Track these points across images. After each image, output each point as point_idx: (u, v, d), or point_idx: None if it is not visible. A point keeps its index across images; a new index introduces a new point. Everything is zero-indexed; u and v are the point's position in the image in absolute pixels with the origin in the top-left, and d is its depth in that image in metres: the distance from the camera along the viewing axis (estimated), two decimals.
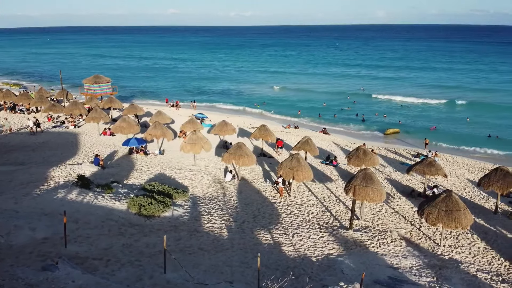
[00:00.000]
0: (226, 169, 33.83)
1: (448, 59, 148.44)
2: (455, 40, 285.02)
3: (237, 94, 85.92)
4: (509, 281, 19.04)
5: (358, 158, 33.40)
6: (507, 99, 75.60)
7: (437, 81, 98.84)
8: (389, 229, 24.47)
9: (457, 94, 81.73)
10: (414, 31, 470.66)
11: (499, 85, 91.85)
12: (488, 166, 39.34)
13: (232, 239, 21.73)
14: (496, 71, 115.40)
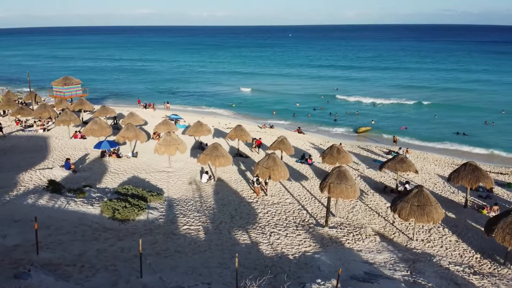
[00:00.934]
0: (202, 170, 33.62)
1: (419, 59, 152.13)
2: (425, 39, 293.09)
3: (212, 95, 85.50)
4: (481, 273, 19.75)
5: (332, 156, 33.90)
6: (474, 98, 78.22)
7: (408, 80, 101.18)
8: (364, 225, 24.98)
9: (427, 93, 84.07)
10: (385, 31, 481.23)
11: (467, 84, 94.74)
12: (457, 162, 40.68)
13: (209, 241, 21.63)
14: (465, 70, 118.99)
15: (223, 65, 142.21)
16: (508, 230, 20.12)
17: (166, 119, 45.79)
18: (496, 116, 62.24)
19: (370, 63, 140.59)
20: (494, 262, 21.07)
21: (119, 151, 37.07)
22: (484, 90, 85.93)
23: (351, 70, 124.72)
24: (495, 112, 64.98)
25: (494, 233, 20.53)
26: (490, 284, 18.49)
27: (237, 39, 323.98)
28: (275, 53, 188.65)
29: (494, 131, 55.52)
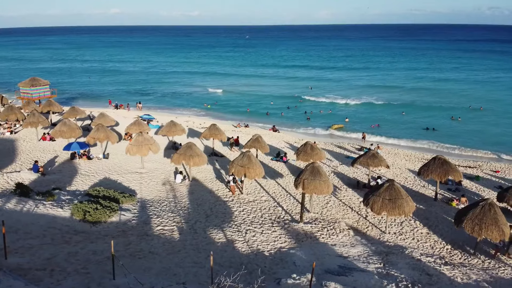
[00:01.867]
0: (176, 171, 33.22)
1: (391, 58, 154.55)
2: (396, 39, 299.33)
3: (186, 95, 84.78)
4: (452, 263, 20.33)
5: (306, 153, 34.20)
6: (443, 95, 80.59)
7: (380, 80, 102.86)
8: (338, 220, 25.32)
9: (398, 91, 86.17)
10: (357, 31, 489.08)
11: (437, 82, 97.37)
12: (427, 157, 41.79)
13: (184, 240, 21.38)
14: (435, 68, 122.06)
15: (196, 65, 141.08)
16: (476, 221, 20.80)
17: (138, 119, 45.02)
18: (463, 112, 64.38)
19: (343, 63, 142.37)
20: (464, 253, 21.75)
21: (90, 152, 36.15)
22: (453, 88, 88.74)
23: (325, 69, 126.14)
24: (463, 108, 67.24)
25: (464, 224, 21.19)
26: (461, 274, 19.02)
27: (210, 39, 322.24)
28: (249, 53, 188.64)
29: (461, 126, 57.46)
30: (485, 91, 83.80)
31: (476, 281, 18.26)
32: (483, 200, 21.77)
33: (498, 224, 20.45)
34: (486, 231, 20.47)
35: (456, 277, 18.66)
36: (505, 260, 20.96)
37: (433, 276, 18.45)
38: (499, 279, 18.91)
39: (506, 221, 20.99)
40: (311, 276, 13.51)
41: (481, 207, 21.10)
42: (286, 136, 52.16)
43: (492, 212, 20.84)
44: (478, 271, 19.52)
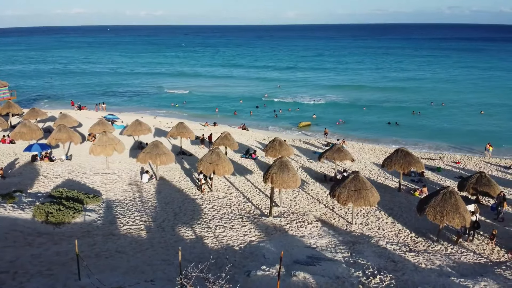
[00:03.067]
0: (142, 170, 32.60)
1: (357, 58, 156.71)
2: (363, 38, 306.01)
3: (153, 95, 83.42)
4: (416, 250, 21.01)
5: (275, 149, 34.42)
6: (405, 92, 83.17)
7: (346, 79, 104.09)
8: (306, 212, 25.67)
9: (363, 90, 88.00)
10: (324, 30, 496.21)
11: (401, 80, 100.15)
12: (391, 150, 42.87)
13: (152, 239, 21.06)
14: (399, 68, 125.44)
15: (163, 65, 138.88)
16: (438, 209, 21.53)
17: (102, 119, 43.82)
18: (426, 108, 66.78)
19: (311, 63, 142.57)
20: (427, 240, 22.50)
21: (52, 154, 34.90)
22: (416, 85, 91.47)
23: (293, 69, 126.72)
24: (425, 104, 69.66)
25: (426, 212, 21.90)
26: (425, 260, 19.67)
27: (177, 39, 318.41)
28: (218, 53, 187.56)
29: (423, 120, 59.59)
30: (447, 88, 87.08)
31: (440, 266, 18.94)
32: (444, 188, 22.58)
33: (459, 211, 21.25)
34: (447, 218, 21.22)
35: (420, 263, 19.29)
36: (467, 245, 21.84)
37: (398, 263, 19.00)
38: (462, 263, 19.69)
39: (466, 208, 21.85)
40: (280, 266, 13.61)
41: (442, 195, 21.89)
42: (255, 134, 52.32)
43: (453, 199, 21.64)
44: (441, 257, 20.24)
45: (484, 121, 59.01)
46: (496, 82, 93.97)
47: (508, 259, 20.22)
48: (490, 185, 26.85)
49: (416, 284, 16.46)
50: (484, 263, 19.95)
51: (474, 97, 76.16)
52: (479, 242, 22.16)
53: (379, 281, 16.64)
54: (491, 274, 18.16)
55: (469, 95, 78.46)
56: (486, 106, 67.50)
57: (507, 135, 51.37)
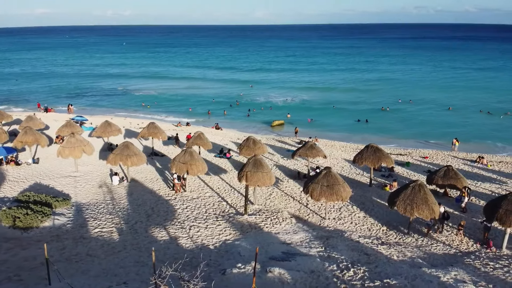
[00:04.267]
0: (112, 172, 31.86)
1: (330, 58, 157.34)
2: (333, 38, 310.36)
3: (123, 95, 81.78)
4: (388, 243, 21.51)
5: (249, 148, 34.44)
6: (375, 90, 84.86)
7: (318, 77, 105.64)
8: (280, 209, 25.83)
9: (334, 88, 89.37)
10: (293, 30, 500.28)
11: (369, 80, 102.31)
12: (361, 147, 43.74)
13: (124, 241, 20.64)
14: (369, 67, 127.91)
15: (134, 66, 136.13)
16: (408, 202, 22.11)
17: (70, 121, 42.53)
18: (394, 105, 68.45)
19: (282, 63, 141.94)
20: (399, 233, 23.09)
21: (18, 158, 33.60)
22: (385, 83, 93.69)
23: (265, 69, 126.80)
24: (393, 102, 71.40)
25: (397, 205, 22.45)
26: (397, 252, 20.16)
27: (147, 39, 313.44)
28: (189, 53, 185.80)
29: (392, 117, 61.11)
30: (415, 85, 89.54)
31: (411, 258, 19.45)
32: (413, 182, 23.21)
33: (428, 203, 21.90)
34: (417, 210, 21.82)
35: (392, 255, 19.74)
36: (437, 237, 22.53)
37: (371, 256, 19.38)
38: (432, 254, 20.29)
39: (435, 201, 22.56)
40: (255, 263, 13.59)
41: (412, 188, 22.49)
42: (229, 133, 52.19)
43: (422, 192, 22.28)
44: (413, 249, 20.80)
45: (452, 117, 61.08)
46: (463, 79, 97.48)
47: (477, 249, 20.97)
48: (457, 178, 27.80)
49: (388, 276, 16.82)
50: (454, 253, 20.62)
51: (442, 94, 78.57)
52: (448, 233, 22.90)
53: (353, 274, 16.91)
54: (460, 264, 18.79)
55: (437, 92, 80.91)
56: (453, 102, 69.78)
57: (473, 131, 53.40)
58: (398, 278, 16.55)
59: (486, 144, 47.74)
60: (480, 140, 49.31)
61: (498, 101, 71.47)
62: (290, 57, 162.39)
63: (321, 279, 16.37)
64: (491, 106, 66.10)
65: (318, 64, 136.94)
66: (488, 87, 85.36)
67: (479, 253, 20.40)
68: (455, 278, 16.80)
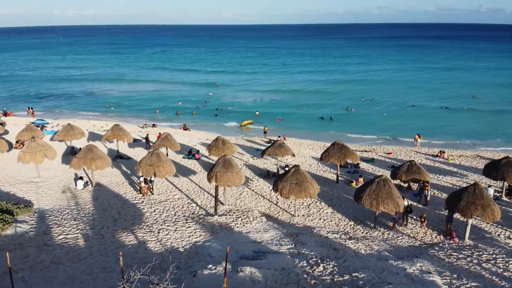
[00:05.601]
0: (76, 176, 30.88)
1: (297, 58, 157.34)
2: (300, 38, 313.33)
3: (86, 97, 79.44)
4: (355, 237, 22.03)
5: (218, 148, 34.28)
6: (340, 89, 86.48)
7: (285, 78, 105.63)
8: (251, 208, 25.93)
9: (300, 86, 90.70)
10: (264, 31, 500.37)
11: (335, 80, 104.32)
12: (328, 144, 44.50)
13: (90, 247, 20.06)
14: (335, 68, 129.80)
15: (98, 67, 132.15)
16: (374, 196, 22.72)
17: (30, 125, 40.84)
18: (357, 104, 70.13)
19: (250, 65, 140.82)
20: (365, 227, 23.72)
21: None
22: (349, 82, 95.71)
23: (233, 69, 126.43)
24: (357, 101, 73.08)
25: (362, 200, 23.01)
26: (364, 246, 20.69)
27: (111, 39, 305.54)
28: (156, 53, 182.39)
29: (356, 115, 62.65)
30: (378, 84, 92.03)
31: (378, 251, 20.01)
32: (378, 177, 23.88)
33: (393, 197, 22.59)
34: (382, 204, 22.46)
35: (360, 249, 20.25)
36: (402, 230, 23.30)
37: (339, 251, 19.79)
38: (398, 247, 20.97)
39: (399, 195, 23.32)
40: (225, 263, 13.57)
41: (377, 183, 23.13)
42: (198, 134, 51.76)
43: (386, 187, 22.97)
44: (379, 242, 21.41)
45: (414, 114, 63.21)
46: (425, 77, 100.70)
47: (440, 240, 21.84)
48: (420, 173, 28.82)
49: (357, 269, 17.24)
50: (418, 245, 21.40)
51: (406, 92, 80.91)
52: (412, 226, 23.73)
53: (322, 269, 17.21)
54: (425, 255, 19.52)
55: (401, 90, 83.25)
56: (416, 100, 72.03)
57: (435, 126, 55.52)
58: (366, 271, 16.99)
59: (447, 139, 49.75)
60: (441, 135, 51.34)
61: (458, 97, 74.60)
62: (258, 58, 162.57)
63: (292, 275, 16.56)
64: (450, 103, 68.96)
65: (286, 64, 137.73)
66: (448, 84, 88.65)
67: (443, 244, 21.23)
68: (421, 269, 17.44)
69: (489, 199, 21.26)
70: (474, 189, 21.42)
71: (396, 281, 16.13)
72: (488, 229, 23.35)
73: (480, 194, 21.14)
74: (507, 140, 48.90)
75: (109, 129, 38.98)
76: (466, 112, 63.66)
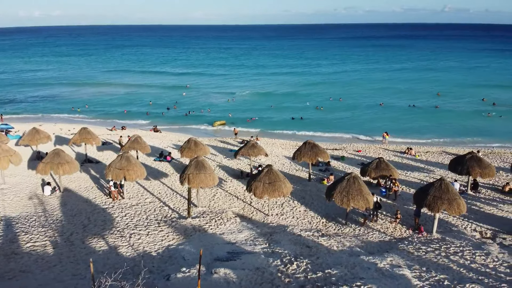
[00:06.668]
0: (43, 182, 29.91)
1: (269, 59, 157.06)
2: (272, 38, 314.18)
3: (52, 99, 76.96)
4: (327, 234, 22.39)
5: (190, 150, 33.98)
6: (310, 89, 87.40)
7: (257, 79, 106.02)
8: (225, 209, 25.87)
9: (272, 87, 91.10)
10: (234, 31, 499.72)
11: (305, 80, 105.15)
12: (299, 143, 44.97)
13: (59, 254, 19.53)
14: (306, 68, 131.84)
15: (65, 68, 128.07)
16: (344, 193, 23.14)
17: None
18: (326, 103, 71.22)
19: (223, 67, 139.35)
20: (337, 224, 24.16)
21: None
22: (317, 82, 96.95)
23: (204, 69, 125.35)
24: (325, 100, 74.20)
25: (334, 198, 23.41)
26: (336, 242, 21.06)
27: (78, 40, 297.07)
28: (125, 54, 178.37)
29: (325, 115, 63.66)
30: (345, 83, 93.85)
31: (350, 247, 20.43)
32: (348, 174, 24.37)
33: (363, 194, 23.09)
34: (353, 201, 22.90)
35: (333, 246, 20.61)
36: (372, 225, 23.87)
37: (312, 248, 20.07)
38: (369, 242, 21.47)
39: (369, 191, 23.86)
40: (199, 265, 13.51)
41: (347, 180, 23.59)
42: (169, 135, 51.15)
43: (356, 184, 23.46)
44: (351, 238, 21.86)
45: (383, 113, 64.83)
46: (392, 76, 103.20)
47: (409, 235, 22.51)
48: (388, 169, 29.61)
49: (329, 266, 17.54)
50: (388, 240, 21.98)
51: (373, 91, 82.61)
52: (382, 222, 24.35)
53: (296, 267, 17.41)
54: (395, 250, 20.09)
55: (368, 90, 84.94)
56: (384, 99, 73.73)
57: (402, 124, 57.15)
58: (339, 267, 17.32)
59: (414, 136, 51.26)
60: (408, 132, 52.87)
61: (424, 95, 76.91)
62: (231, 58, 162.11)
63: (266, 275, 16.66)
64: (417, 101, 71.04)
65: (259, 65, 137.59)
66: (415, 83, 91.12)
67: (412, 238, 21.89)
68: (391, 263, 17.93)
69: (455, 193, 22.08)
70: (440, 184, 22.19)
71: (367, 275, 16.52)
72: (455, 222, 24.25)
73: (446, 189, 21.93)
74: (472, 136, 50.94)
75: (76, 132, 37.88)
76: (432, 110, 65.81)
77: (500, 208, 26.59)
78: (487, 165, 29.05)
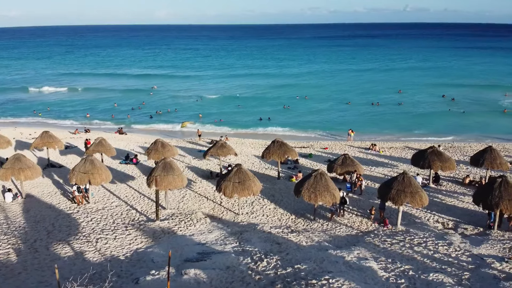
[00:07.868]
0: (4, 189, 28.68)
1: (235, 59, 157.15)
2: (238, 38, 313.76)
3: (11, 103, 73.82)
4: (297, 230, 22.74)
5: (157, 151, 33.47)
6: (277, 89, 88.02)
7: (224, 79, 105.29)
8: (194, 211, 25.74)
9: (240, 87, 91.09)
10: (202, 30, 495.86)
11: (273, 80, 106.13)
12: (268, 143, 45.28)
13: (24, 261, 18.89)
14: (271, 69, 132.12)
15: (23, 71, 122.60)
16: (312, 190, 23.60)
17: None
18: (292, 102, 72.01)
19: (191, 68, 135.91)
20: (306, 220, 24.63)
21: None
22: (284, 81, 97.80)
23: (171, 70, 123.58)
24: (292, 99, 74.99)
25: (302, 194, 23.82)
26: (305, 238, 21.44)
27: (35, 41, 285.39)
28: (87, 55, 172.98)
29: (292, 114, 64.39)
30: (310, 82, 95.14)
31: (318, 242, 20.85)
32: (315, 171, 24.83)
33: (329, 190, 23.63)
34: (320, 197, 23.41)
35: (302, 241, 20.96)
36: (339, 220, 24.48)
37: (282, 244, 20.31)
38: (337, 237, 22.01)
39: (335, 187, 24.44)
40: (168, 267, 13.40)
41: (314, 177, 24.06)
42: (135, 137, 50.18)
43: (323, 180, 23.96)
44: (319, 233, 22.33)
45: (348, 111, 66.26)
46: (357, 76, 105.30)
47: (375, 228, 23.21)
48: (353, 165, 30.39)
49: (299, 261, 17.83)
50: (355, 234, 22.62)
51: (339, 90, 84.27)
52: (349, 216, 24.99)
53: (266, 264, 17.59)
54: (362, 243, 20.69)
55: (334, 89, 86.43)
56: (351, 97, 75.25)
57: (366, 121, 58.75)
58: (308, 262, 17.64)
59: (378, 133, 52.79)
60: (372, 129, 54.38)
61: (387, 93, 79.13)
62: (197, 58, 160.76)
63: (237, 273, 16.74)
64: (381, 99, 73.06)
65: (226, 65, 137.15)
66: (378, 82, 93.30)
67: (378, 231, 22.59)
68: (358, 256, 18.46)
69: (417, 187, 22.98)
70: (403, 178, 23.03)
71: (335, 269, 16.92)
72: (418, 214, 25.23)
73: (408, 182, 22.79)
74: (432, 132, 53.04)
75: (38, 136, 36.53)
76: (395, 107, 67.89)
77: (461, 199, 27.89)
78: (447, 159, 30.38)
